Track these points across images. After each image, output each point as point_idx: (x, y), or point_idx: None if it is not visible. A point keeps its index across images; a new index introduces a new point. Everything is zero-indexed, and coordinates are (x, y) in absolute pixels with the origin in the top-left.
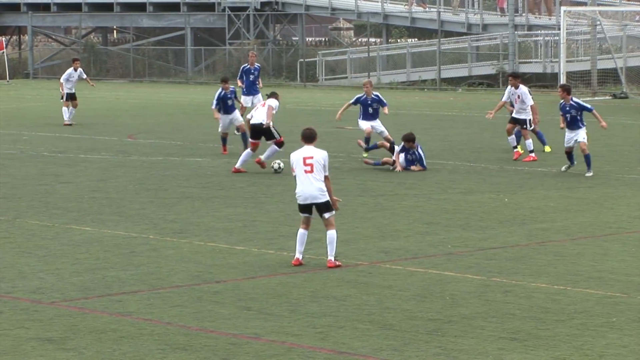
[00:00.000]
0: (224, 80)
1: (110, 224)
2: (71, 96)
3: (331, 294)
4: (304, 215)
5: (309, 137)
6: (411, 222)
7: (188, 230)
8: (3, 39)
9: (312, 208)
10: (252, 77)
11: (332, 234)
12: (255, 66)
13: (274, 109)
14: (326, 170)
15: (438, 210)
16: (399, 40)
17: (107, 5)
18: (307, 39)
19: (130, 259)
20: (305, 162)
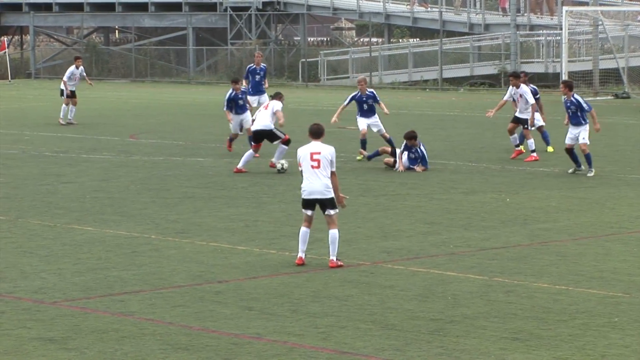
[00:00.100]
0: (234, 81)
1: (112, 224)
2: (71, 94)
3: (333, 294)
4: (307, 212)
5: (317, 132)
6: (413, 222)
7: (190, 230)
8: (5, 39)
9: (316, 205)
10: (258, 77)
11: (334, 234)
12: (261, 66)
13: (280, 111)
14: (333, 166)
15: (440, 210)
16: (400, 40)
17: (109, 5)
18: (309, 38)
19: (132, 259)
20: (312, 157)
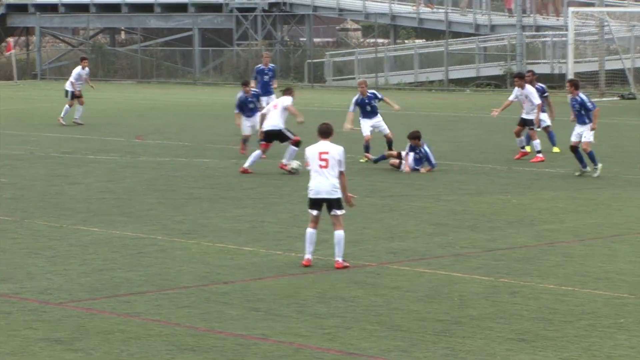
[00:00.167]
0: (244, 84)
1: (119, 224)
2: (76, 95)
3: (339, 294)
4: (313, 212)
5: (326, 132)
6: (419, 223)
7: (196, 231)
8: (11, 40)
9: (322, 205)
10: (267, 78)
11: (339, 235)
12: (269, 66)
13: (291, 106)
14: (342, 166)
15: (446, 211)
16: (406, 41)
17: (114, 6)
18: (315, 39)
19: (138, 260)
20: (320, 157)
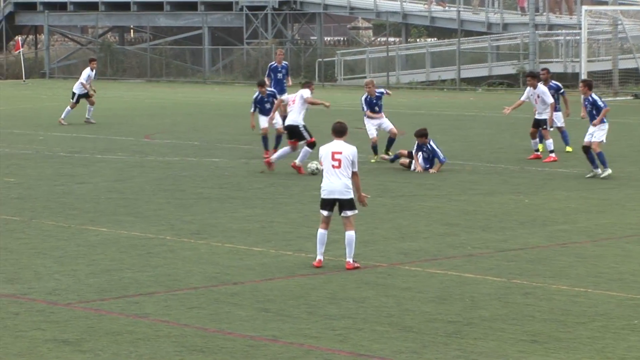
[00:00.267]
0: (260, 84)
1: (127, 224)
2: (85, 95)
3: (350, 295)
4: (325, 212)
5: (340, 131)
6: (431, 223)
7: (205, 231)
8: (19, 38)
9: (334, 205)
10: (280, 75)
11: (350, 235)
12: (282, 64)
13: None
14: (355, 166)
15: (458, 211)
16: (418, 40)
17: (124, 5)
18: (326, 38)
19: (146, 260)
20: (333, 156)
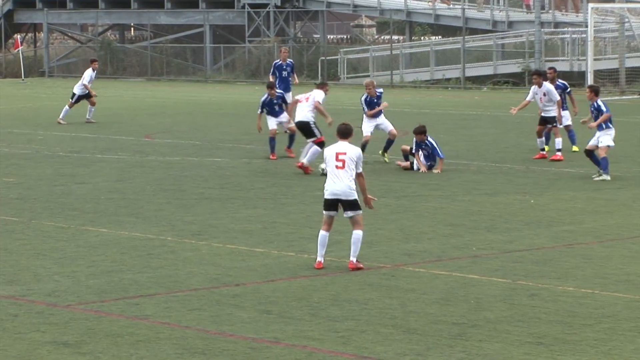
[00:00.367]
0: (269, 87)
1: (127, 225)
2: (86, 96)
3: (353, 297)
4: (328, 213)
5: (344, 132)
6: (435, 223)
7: (207, 232)
8: (18, 36)
9: (338, 206)
10: (285, 74)
11: (357, 234)
12: (287, 62)
13: (320, 103)
14: (359, 167)
15: (462, 211)
16: (422, 38)
17: (124, 2)
18: (329, 36)
19: (147, 261)
20: (337, 157)
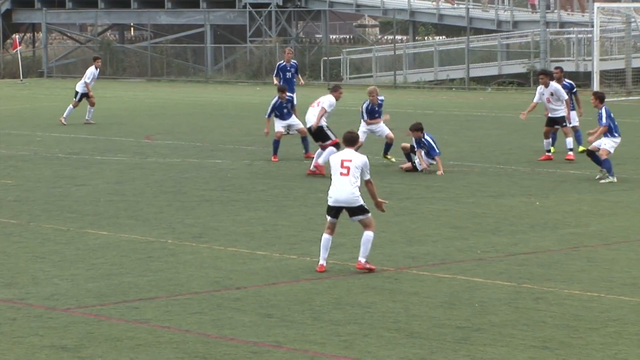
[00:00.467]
0: (281, 90)
1: (127, 228)
2: (86, 95)
3: (356, 301)
4: (331, 219)
5: (350, 140)
6: (439, 226)
7: (207, 235)
8: (17, 36)
9: (340, 212)
10: (289, 75)
11: (368, 235)
12: (291, 63)
13: (326, 109)
14: (366, 175)
15: (467, 214)
16: (426, 38)
17: (124, 2)
18: (331, 36)
19: (147, 265)
20: (342, 164)
